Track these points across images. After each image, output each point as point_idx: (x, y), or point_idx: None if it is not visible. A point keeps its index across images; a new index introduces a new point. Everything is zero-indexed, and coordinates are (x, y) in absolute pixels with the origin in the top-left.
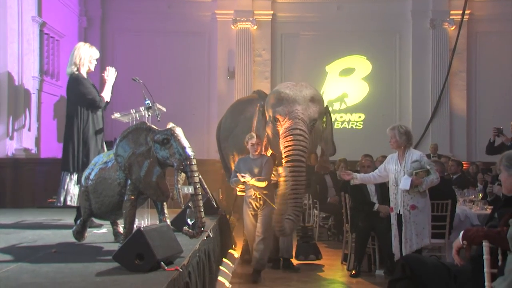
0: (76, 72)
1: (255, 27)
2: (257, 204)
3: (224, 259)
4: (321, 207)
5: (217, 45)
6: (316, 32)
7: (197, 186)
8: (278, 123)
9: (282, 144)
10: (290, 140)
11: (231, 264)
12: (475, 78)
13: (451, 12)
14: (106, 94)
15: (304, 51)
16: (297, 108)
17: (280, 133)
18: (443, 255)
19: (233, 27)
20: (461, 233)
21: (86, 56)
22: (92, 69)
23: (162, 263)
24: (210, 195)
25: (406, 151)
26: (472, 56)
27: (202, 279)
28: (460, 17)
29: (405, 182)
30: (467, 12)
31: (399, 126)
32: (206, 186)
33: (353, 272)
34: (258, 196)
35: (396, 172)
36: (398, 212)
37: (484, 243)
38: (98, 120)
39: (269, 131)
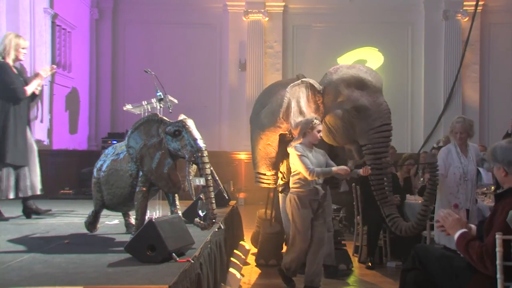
0: (2, 60)
1: (267, 18)
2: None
3: (235, 251)
4: (332, 199)
5: (228, 37)
6: (327, 24)
7: (209, 178)
8: (359, 113)
9: (369, 138)
10: (384, 137)
11: (242, 256)
12: (488, 70)
13: (464, 3)
14: (30, 88)
15: (316, 43)
16: (383, 100)
17: (366, 125)
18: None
19: (244, 18)
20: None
21: (12, 45)
22: (21, 58)
23: (173, 254)
24: (222, 187)
25: (467, 144)
26: (485, 48)
27: (214, 270)
28: (473, 8)
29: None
30: (480, 3)
31: (468, 119)
32: (217, 178)
33: (369, 264)
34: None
35: (463, 166)
36: (467, 208)
37: (497, 236)
38: (21, 111)
39: (333, 118)
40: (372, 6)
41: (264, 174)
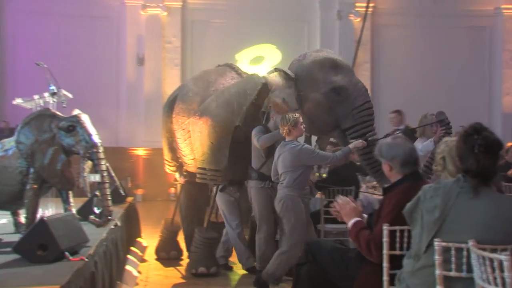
0: None
1: (165, 13)
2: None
3: (132, 248)
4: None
5: (126, 31)
6: (226, 20)
7: (104, 174)
8: (338, 95)
9: (354, 119)
10: (369, 115)
11: (139, 253)
12: (378, 69)
13: (356, 4)
14: None
15: (215, 39)
16: (358, 79)
17: (348, 106)
18: (346, 239)
19: (142, 12)
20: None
21: None
22: None
23: (66, 253)
24: (118, 183)
25: None
26: (376, 48)
27: (109, 268)
28: (365, 9)
29: None
30: (371, 5)
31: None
32: (113, 174)
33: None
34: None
35: None
36: None
37: (384, 227)
38: None
39: (312, 105)
40: (269, 3)
41: (218, 171)
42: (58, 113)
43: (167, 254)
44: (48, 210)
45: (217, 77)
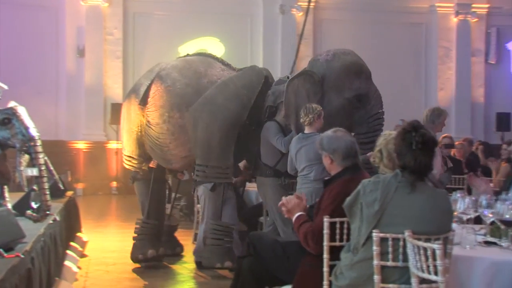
0: None
1: (106, 4)
2: None
3: (71, 243)
4: (174, 188)
5: (65, 21)
6: (169, 12)
7: (42, 168)
8: (359, 102)
9: (369, 126)
10: (381, 125)
11: (79, 248)
12: None
13: None
14: None
15: (157, 31)
16: (376, 87)
17: (365, 113)
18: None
19: (82, 3)
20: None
21: None
22: None
23: (0, 250)
24: (57, 177)
25: None
26: (318, 42)
27: (47, 264)
28: (307, 4)
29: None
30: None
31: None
32: (52, 168)
33: None
34: None
35: None
36: None
37: (324, 219)
38: None
39: (333, 108)
40: None
41: (226, 168)
42: None
43: (154, 252)
44: None
45: (206, 68)
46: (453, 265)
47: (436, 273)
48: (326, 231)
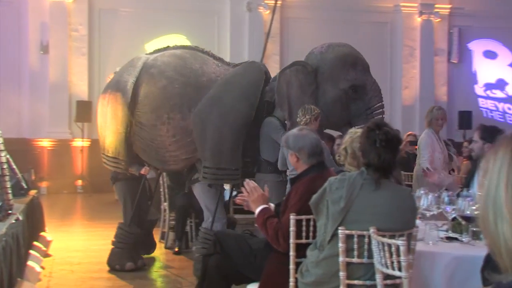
0: None
1: (71, 0)
2: None
3: (35, 243)
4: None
5: (28, 17)
6: (135, 9)
7: (4, 167)
8: (356, 93)
9: (368, 118)
10: (377, 117)
11: (43, 248)
12: (287, 61)
13: None
14: None
15: (123, 28)
16: (374, 79)
17: (363, 105)
18: (255, 229)
19: None
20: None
21: None
22: None
23: None
24: (20, 175)
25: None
26: (285, 40)
27: (9, 265)
28: (274, 2)
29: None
30: None
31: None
32: (14, 167)
33: (176, 249)
34: None
35: (443, 150)
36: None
37: (291, 216)
38: None
39: (329, 100)
40: None
41: (236, 169)
42: None
43: (132, 266)
44: None
45: (201, 65)
46: (416, 260)
47: (400, 269)
48: (292, 228)
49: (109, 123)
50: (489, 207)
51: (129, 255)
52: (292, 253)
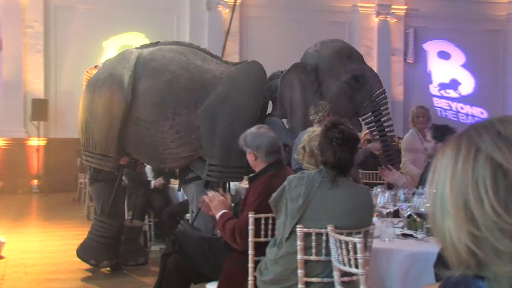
0: None
1: None
2: None
3: None
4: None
5: None
6: (92, 6)
7: None
8: (358, 83)
9: (374, 105)
10: (384, 102)
11: None
12: (246, 59)
13: None
14: None
15: (80, 25)
16: (369, 67)
17: (367, 93)
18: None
19: None
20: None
21: None
22: None
23: None
24: None
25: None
26: (244, 39)
27: None
28: (233, 1)
29: None
30: None
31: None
32: None
33: None
34: None
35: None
36: None
37: (249, 215)
38: None
39: (334, 95)
40: None
41: (242, 167)
42: None
43: (108, 264)
44: None
45: (203, 62)
46: (373, 257)
47: (356, 266)
48: (251, 227)
49: (99, 119)
50: (437, 204)
51: (107, 253)
52: (250, 251)
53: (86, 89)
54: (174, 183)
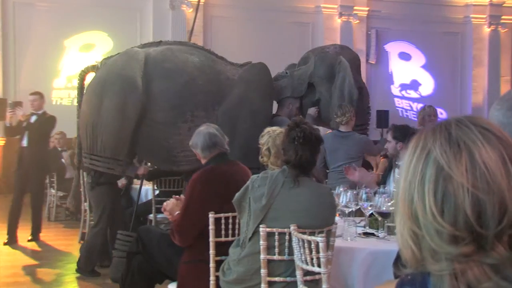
0: None
1: None
2: None
3: None
4: (59, 186)
5: None
6: (53, 3)
7: None
8: (360, 94)
9: (365, 118)
10: (369, 117)
11: None
12: None
13: None
14: None
15: (41, 24)
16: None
17: (362, 106)
18: None
19: None
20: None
21: None
22: None
23: None
24: None
25: None
26: (208, 39)
27: None
28: (197, 0)
29: None
30: None
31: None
32: None
33: None
34: None
35: None
36: None
37: (210, 215)
38: None
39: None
40: None
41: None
42: None
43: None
44: None
45: (214, 63)
46: (335, 256)
47: (319, 265)
48: (211, 226)
49: (111, 121)
50: (395, 201)
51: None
52: (211, 251)
53: (90, 90)
54: (137, 184)
